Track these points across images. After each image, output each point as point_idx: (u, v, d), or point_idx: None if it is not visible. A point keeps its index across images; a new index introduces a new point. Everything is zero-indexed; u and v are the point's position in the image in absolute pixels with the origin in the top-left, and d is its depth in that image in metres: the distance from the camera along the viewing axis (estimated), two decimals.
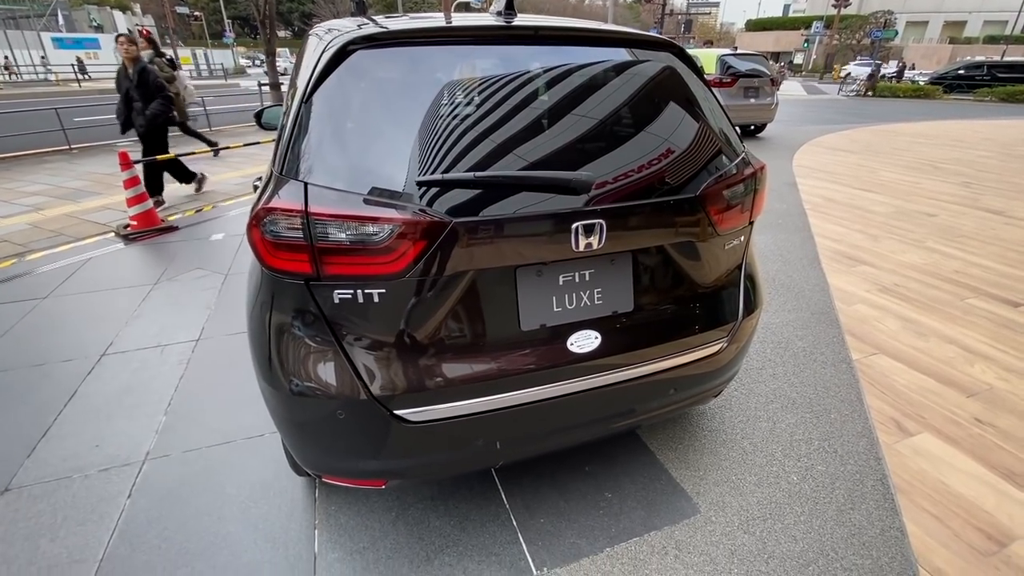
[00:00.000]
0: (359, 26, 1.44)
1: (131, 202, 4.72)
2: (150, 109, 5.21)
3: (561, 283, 1.41)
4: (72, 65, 26.60)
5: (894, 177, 6.98)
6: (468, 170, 1.26)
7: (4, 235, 4.82)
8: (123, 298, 3.52)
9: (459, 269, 1.28)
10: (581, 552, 1.69)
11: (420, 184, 1.23)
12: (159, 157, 5.43)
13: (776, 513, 1.83)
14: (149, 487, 1.95)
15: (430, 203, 1.23)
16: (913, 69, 27.68)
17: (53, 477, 2.01)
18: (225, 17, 44.08)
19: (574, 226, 1.30)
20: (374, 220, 1.20)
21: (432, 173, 1.25)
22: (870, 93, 22.20)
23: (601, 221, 1.32)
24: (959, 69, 23.48)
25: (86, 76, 27.02)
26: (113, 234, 4.79)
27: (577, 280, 1.43)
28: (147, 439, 2.20)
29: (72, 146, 9.01)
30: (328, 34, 1.48)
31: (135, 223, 4.76)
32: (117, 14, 45.15)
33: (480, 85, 1.39)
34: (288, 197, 1.22)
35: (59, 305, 3.44)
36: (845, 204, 5.68)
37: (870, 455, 2.09)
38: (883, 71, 26.78)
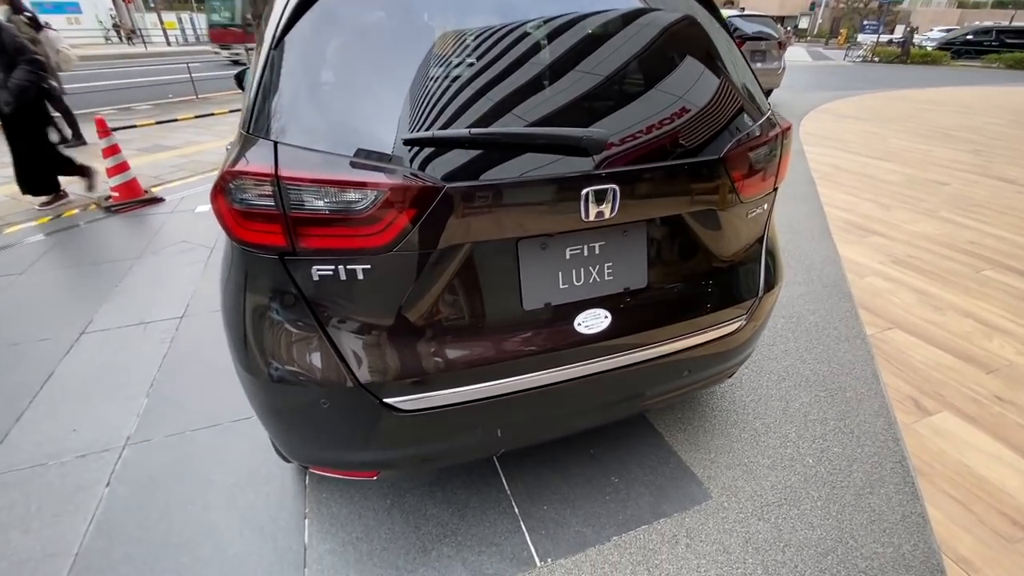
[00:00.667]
0: None
1: (111, 172, 4.50)
2: (14, 79, 3.87)
3: (568, 257, 1.27)
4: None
5: (904, 145, 6.76)
6: (463, 128, 1.10)
7: None
8: (104, 273, 3.36)
9: (454, 242, 1.13)
10: (587, 541, 1.60)
11: (408, 143, 1.07)
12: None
13: (792, 498, 1.74)
14: (129, 474, 1.85)
15: (420, 166, 1.07)
16: (915, 33, 26.90)
17: (27, 464, 1.90)
18: None
19: (584, 192, 1.15)
20: (355, 185, 1.04)
21: (421, 131, 1.08)
22: (906, 59, 21.29)
23: (614, 186, 1.17)
24: (967, 34, 22.80)
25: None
26: (94, 206, 4.58)
27: (586, 254, 1.28)
28: (128, 423, 2.08)
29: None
30: None
31: (116, 194, 4.55)
32: None
33: (477, 32, 1.21)
34: (256, 159, 1.06)
35: (36, 281, 3.28)
36: (854, 172, 5.49)
37: (888, 435, 2.00)
38: (890, 37, 26.00)
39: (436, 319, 1.20)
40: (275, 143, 1.06)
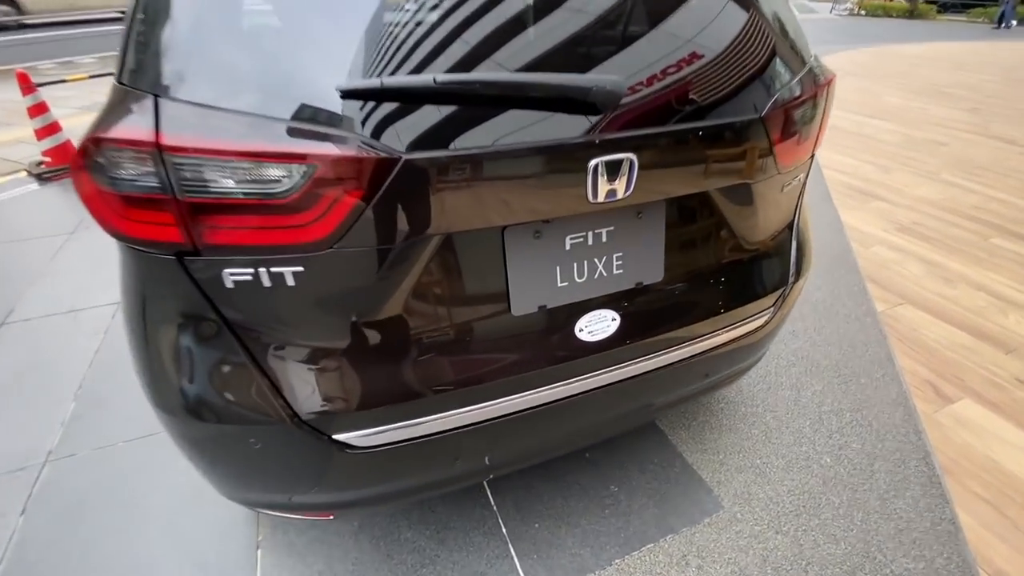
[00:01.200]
0: None
1: (40, 134, 3.99)
2: None
3: (568, 247, 0.99)
4: None
5: (899, 103, 6.51)
6: (425, 71, 0.79)
7: None
8: (32, 251, 2.96)
9: (417, 233, 0.84)
10: (585, 566, 1.40)
11: (347, 96, 0.77)
12: None
13: (811, 506, 1.56)
14: (49, 498, 1.57)
15: (369, 130, 0.77)
16: None
17: None
18: None
19: (593, 163, 0.86)
20: (274, 157, 0.74)
21: (369, 77, 0.78)
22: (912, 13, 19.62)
23: (631, 156, 0.88)
24: None
25: None
26: (25, 173, 4.09)
27: (591, 242, 1.01)
28: (51, 433, 1.79)
29: None
30: None
31: (49, 159, 4.05)
32: None
33: None
34: (129, 122, 0.74)
35: None
36: (852, 132, 5.24)
37: (909, 428, 1.82)
38: None
39: (397, 333, 0.93)
40: (156, 97, 0.74)
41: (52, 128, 4.02)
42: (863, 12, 21.71)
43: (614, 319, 1.07)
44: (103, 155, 0.74)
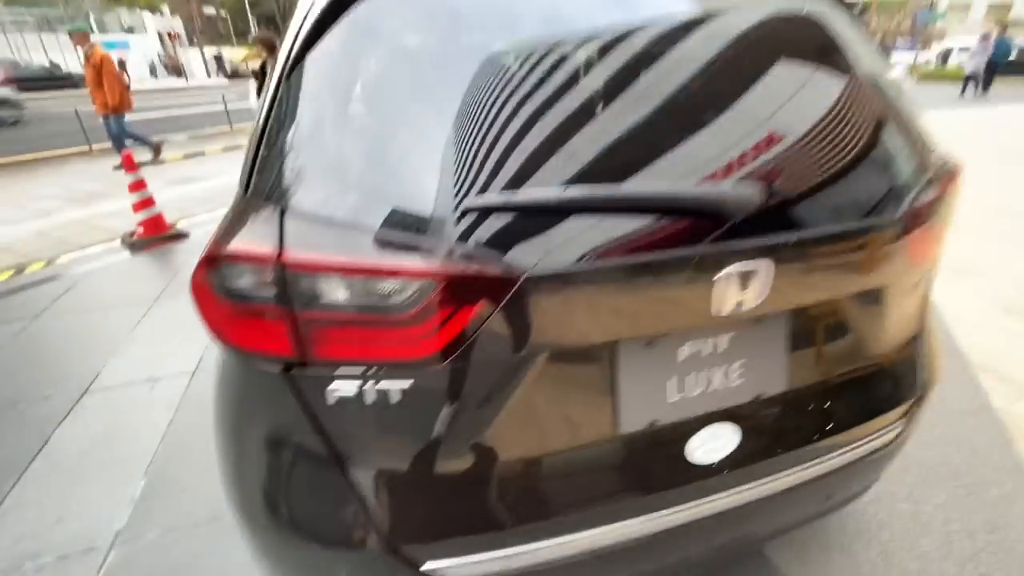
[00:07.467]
0: None
1: (137, 207, 4.37)
2: None
3: (683, 359, 0.90)
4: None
5: (977, 168, 6.19)
6: (543, 185, 0.76)
7: (8, 243, 4.54)
8: (118, 319, 3.14)
9: (532, 348, 0.78)
10: None
11: (468, 212, 0.74)
12: None
13: None
14: None
15: (490, 246, 0.74)
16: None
17: (0, 567, 1.60)
18: (250, 15, 44.30)
19: (723, 273, 0.79)
20: (395, 273, 0.71)
21: (488, 192, 0.75)
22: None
23: (767, 263, 0.81)
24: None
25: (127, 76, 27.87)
26: (119, 242, 4.45)
27: (707, 353, 0.92)
28: (120, 512, 1.78)
29: (92, 147, 8.85)
30: None
31: (141, 230, 4.41)
32: (147, 16, 45.87)
33: (550, 50, 0.87)
34: (254, 235, 0.74)
35: (49, 327, 3.08)
36: None
37: None
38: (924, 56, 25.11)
39: (499, 454, 0.85)
40: (282, 211, 0.74)
41: (147, 202, 4.40)
42: (916, 78, 21.52)
43: (732, 435, 0.96)
44: (226, 266, 0.74)
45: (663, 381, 0.91)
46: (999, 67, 15.03)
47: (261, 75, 6.36)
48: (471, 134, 0.79)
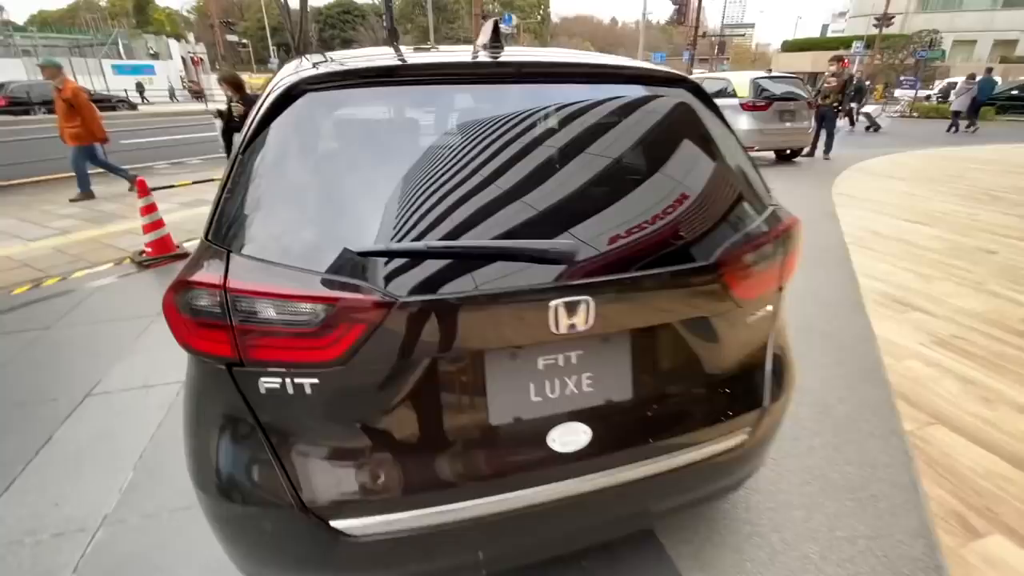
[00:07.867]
0: (315, 65, 1.25)
1: (147, 229, 4.73)
2: None
3: (541, 367, 1.17)
4: (125, 91, 28.71)
5: (947, 208, 6.45)
6: (424, 238, 1.05)
7: (28, 259, 4.90)
8: (123, 330, 3.44)
9: (410, 356, 1.05)
10: None
11: (362, 255, 1.02)
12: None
13: None
14: (97, 561, 1.77)
15: (377, 280, 1.02)
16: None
17: (5, 541, 1.86)
18: (271, 44, 46.18)
19: (552, 304, 1.06)
20: (304, 299, 0.99)
21: (377, 242, 1.04)
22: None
23: (587, 298, 1.08)
24: (1012, 89, 22.31)
25: (145, 100, 29.43)
26: (129, 260, 4.80)
27: (562, 364, 1.18)
28: (109, 499, 2.03)
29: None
30: (282, 74, 1.31)
31: (150, 250, 4.76)
32: (172, 42, 47.96)
33: (448, 134, 1.19)
34: (207, 269, 1.02)
35: (60, 336, 3.38)
36: (892, 238, 5.23)
37: (929, 563, 1.73)
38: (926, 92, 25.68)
39: (393, 435, 1.11)
40: (228, 252, 1.03)
41: (157, 224, 4.76)
42: (915, 114, 21.93)
43: (584, 432, 1.21)
44: (187, 291, 1.02)
45: (526, 385, 1.17)
46: (982, 104, 16.88)
47: (228, 115, 6.41)
48: (363, 203, 1.09)
